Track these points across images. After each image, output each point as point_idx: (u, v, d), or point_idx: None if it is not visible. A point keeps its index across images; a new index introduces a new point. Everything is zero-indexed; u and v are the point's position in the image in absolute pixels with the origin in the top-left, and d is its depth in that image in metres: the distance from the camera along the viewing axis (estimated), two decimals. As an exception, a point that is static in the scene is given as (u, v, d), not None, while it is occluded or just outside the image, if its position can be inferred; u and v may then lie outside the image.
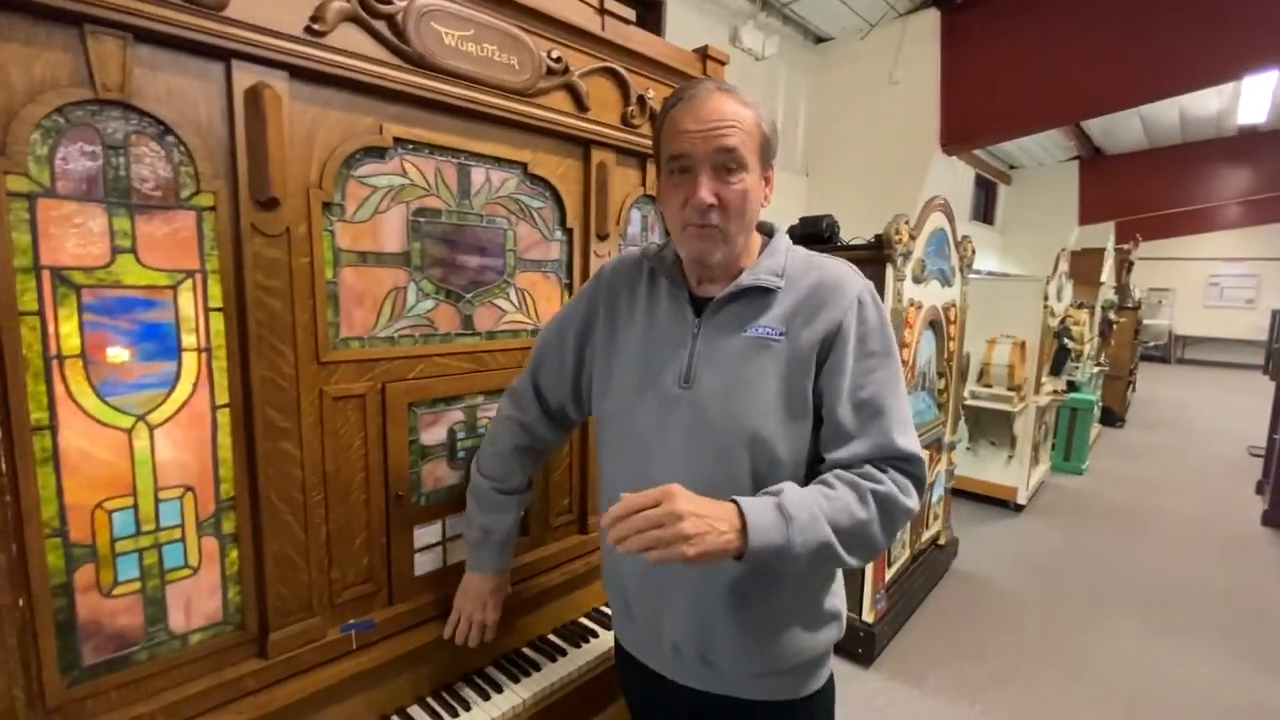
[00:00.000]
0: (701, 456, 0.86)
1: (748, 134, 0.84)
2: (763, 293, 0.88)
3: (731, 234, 0.85)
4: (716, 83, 0.86)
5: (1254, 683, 2.49)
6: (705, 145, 0.82)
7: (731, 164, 0.83)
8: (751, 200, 0.86)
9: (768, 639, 0.89)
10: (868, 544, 0.80)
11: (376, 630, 1.05)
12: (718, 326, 0.89)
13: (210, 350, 0.86)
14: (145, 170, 0.79)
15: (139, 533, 0.83)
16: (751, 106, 0.86)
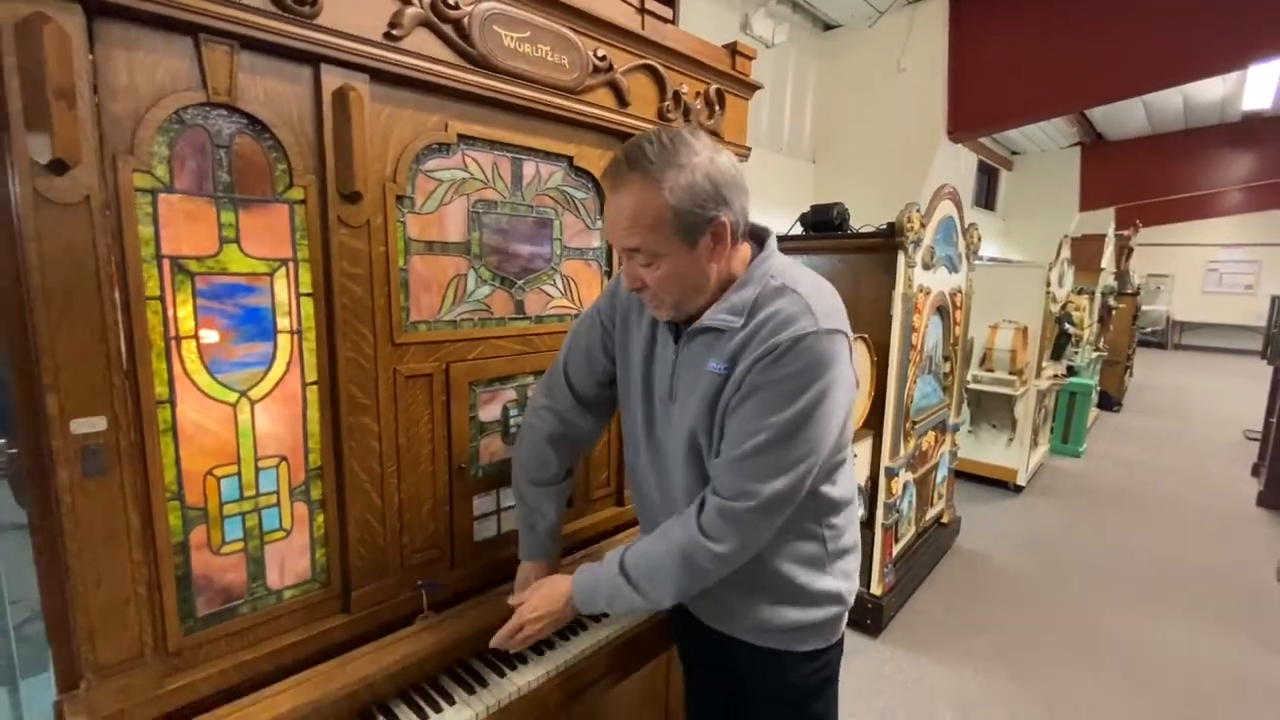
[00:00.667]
0: (673, 460, 1.01)
1: (650, 227, 0.86)
2: (718, 332, 0.93)
3: (670, 303, 0.94)
4: (633, 161, 0.85)
5: (1246, 653, 2.61)
6: (617, 243, 0.92)
7: (643, 260, 0.89)
8: (679, 277, 0.90)
9: (757, 608, 1.03)
10: (675, 588, 0.94)
11: (441, 590, 1.14)
12: (690, 355, 0.98)
13: (301, 332, 0.94)
14: (247, 167, 0.86)
15: (242, 497, 0.91)
16: (661, 187, 0.84)
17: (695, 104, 1.45)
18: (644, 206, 0.85)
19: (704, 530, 0.90)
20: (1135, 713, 2.24)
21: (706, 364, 0.93)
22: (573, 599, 1.01)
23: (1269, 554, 3.49)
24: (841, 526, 1.05)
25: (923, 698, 2.29)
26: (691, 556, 0.91)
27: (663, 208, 0.85)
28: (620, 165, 0.87)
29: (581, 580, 1.01)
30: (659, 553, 0.94)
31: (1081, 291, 5.53)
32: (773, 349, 0.86)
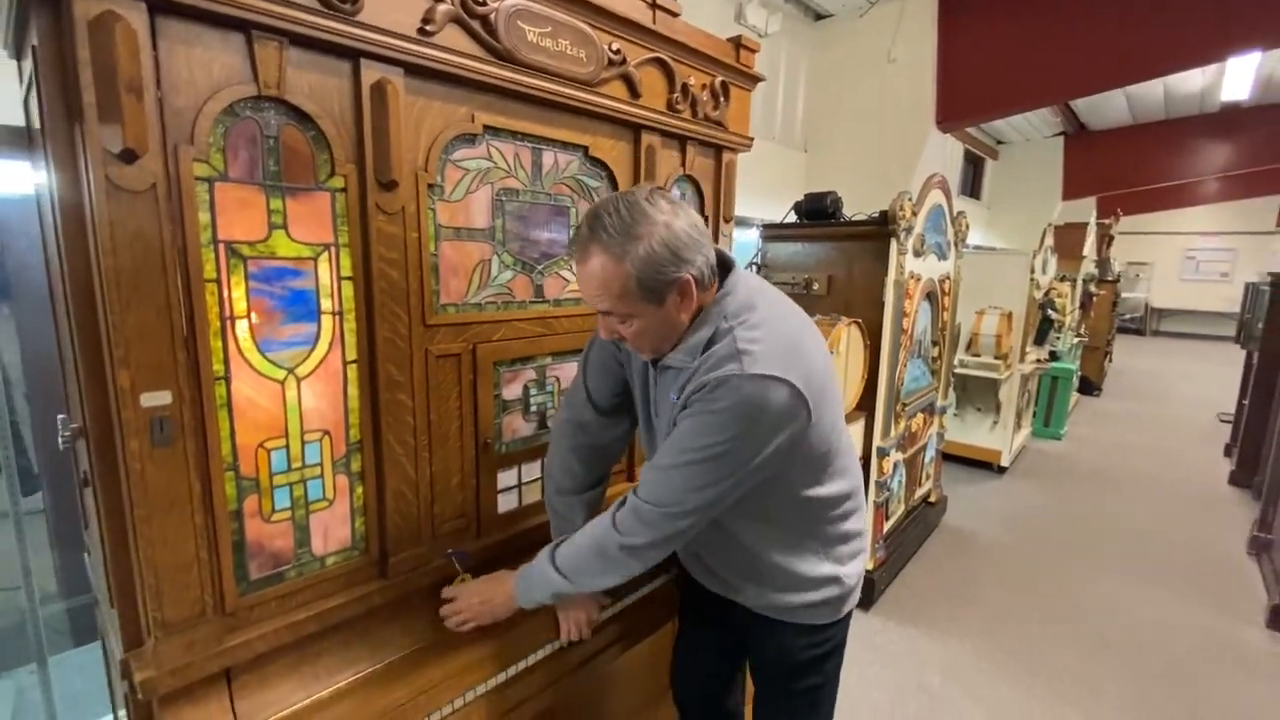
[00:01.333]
0: None
1: (618, 294, 0.94)
2: (675, 369, 1.03)
3: (648, 349, 1.04)
4: (590, 237, 0.93)
5: (1216, 621, 2.76)
6: (590, 305, 1.01)
7: (617, 320, 0.99)
8: (653, 330, 0.99)
9: (757, 591, 1.14)
10: (599, 575, 1.05)
11: (469, 558, 1.20)
12: (662, 384, 1.09)
13: (342, 314, 0.99)
14: (293, 156, 0.91)
15: (289, 469, 0.97)
16: (622, 260, 0.91)
17: (702, 96, 1.51)
18: (608, 276, 0.92)
19: (616, 524, 1.01)
20: (1111, 676, 2.37)
21: (669, 396, 1.04)
22: (514, 595, 1.12)
23: (1239, 529, 3.65)
24: (839, 517, 1.13)
25: (912, 666, 2.40)
26: (605, 547, 1.02)
27: (626, 277, 0.92)
28: (584, 236, 0.94)
29: (520, 579, 1.12)
30: (581, 545, 1.05)
31: (1064, 279, 5.67)
32: (701, 385, 0.94)
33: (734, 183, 1.70)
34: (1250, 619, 2.77)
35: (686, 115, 1.49)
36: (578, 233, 0.97)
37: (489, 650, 1.13)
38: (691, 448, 0.94)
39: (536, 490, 1.36)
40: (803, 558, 1.11)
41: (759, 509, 1.07)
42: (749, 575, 1.15)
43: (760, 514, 1.09)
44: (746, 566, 1.14)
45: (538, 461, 1.35)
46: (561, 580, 1.06)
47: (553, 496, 1.25)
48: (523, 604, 1.12)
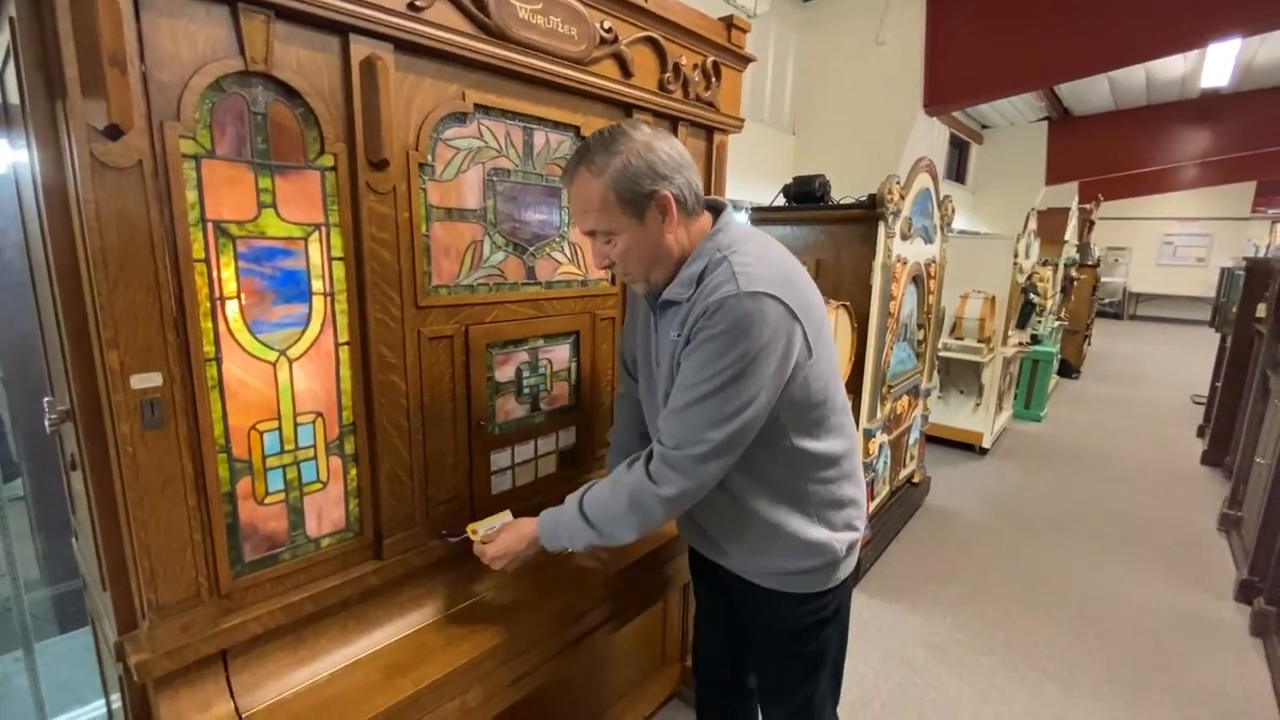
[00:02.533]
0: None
1: (598, 209, 0.97)
2: (674, 305, 1.04)
3: (638, 274, 1.05)
4: (576, 162, 0.98)
5: (1188, 595, 2.85)
6: (580, 230, 1.04)
7: (602, 239, 1.01)
8: (637, 250, 1.01)
9: (747, 552, 1.13)
10: (626, 527, 1.04)
11: (464, 539, 1.21)
12: (663, 326, 1.09)
13: (333, 295, 0.98)
14: (281, 134, 0.90)
15: (282, 451, 0.96)
16: (601, 174, 0.95)
17: (693, 76, 1.50)
18: (590, 191, 0.97)
19: (651, 476, 1.00)
20: (1088, 650, 2.45)
21: (670, 334, 1.04)
22: (538, 539, 1.12)
23: (1210, 507, 3.76)
24: (832, 480, 1.11)
25: (896, 640, 2.45)
26: (639, 499, 1.01)
27: (604, 189, 0.96)
28: (570, 164, 1.00)
29: (545, 524, 1.11)
30: (612, 496, 1.04)
31: (1046, 263, 5.73)
32: (703, 311, 0.95)
33: (725, 165, 1.70)
34: (1221, 593, 2.86)
35: (678, 96, 1.48)
36: (566, 165, 1.02)
37: (487, 629, 1.14)
38: (701, 379, 0.94)
39: (530, 471, 1.36)
40: (792, 516, 1.08)
41: (748, 459, 1.03)
42: (734, 533, 1.12)
43: (749, 464, 1.05)
44: (732, 522, 1.11)
45: (531, 442, 1.36)
46: (590, 532, 1.05)
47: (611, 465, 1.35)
48: (548, 546, 1.12)
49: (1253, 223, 13.23)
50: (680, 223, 1.01)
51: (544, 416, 1.37)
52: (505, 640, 1.12)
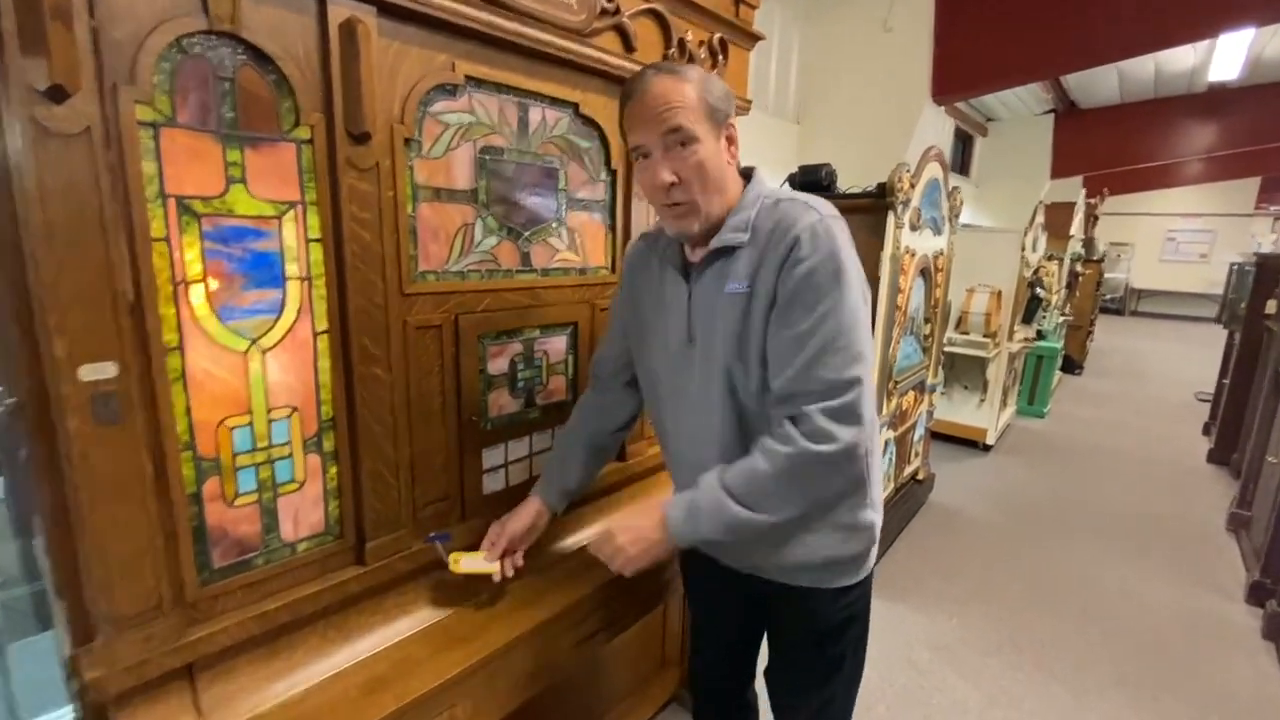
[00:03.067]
0: (709, 403, 1.00)
1: (690, 109, 0.90)
2: (732, 250, 0.96)
3: (700, 204, 0.94)
4: (656, 68, 0.93)
5: (1195, 595, 2.79)
6: (656, 130, 0.90)
7: (683, 139, 0.90)
8: (711, 166, 0.93)
9: (790, 544, 1.02)
10: (785, 503, 0.92)
11: (452, 541, 1.14)
12: (703, 288, 0.99)
13: (311, 279, 0.91)
14: (252, 102, 0.82)
15: (255, 449, 0.89)
16: (692, 81, 0.91)
17: (699, 53, 1.42)
18: (677, 90, 0.90)
19: (813, 438, 0.88)
20: (1092, 648, 2.39)
21: (724, 289, 0.95)
22: (669, 529, 0.95)
23: (1217, 506, 3.70)
24: (872, 451, 1.02)
25: (902, 642, 2.40)
26: (801, 469, 0.89)
27: (694, 91, 0.90)
28: (643, 71, 0.93)
29: (674, 515, 0.95)
30: (763, 472, 0.90)
31: (1051, 258, 5.66)
32: (792, 245, 0.89)
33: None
34: (1231, 595, 2.81)
35: (683, 74, 1.39)
36: (632, 78, 0.94)
37: (477, 638, 1.07)
38: (824, 313, 0.88)
39: (524, 469, 1.29)
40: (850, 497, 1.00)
41: None
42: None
43: None
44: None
45: (525, 439, 1.28)
46: (745, 513, 0.91)
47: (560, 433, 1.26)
48: (681, 540, 0.96)
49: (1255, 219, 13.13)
50: (735, 161, 0.97)
51: (539, 412, 1.30)
52: (496, 650, 1.05)
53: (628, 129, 0.95)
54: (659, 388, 1.09)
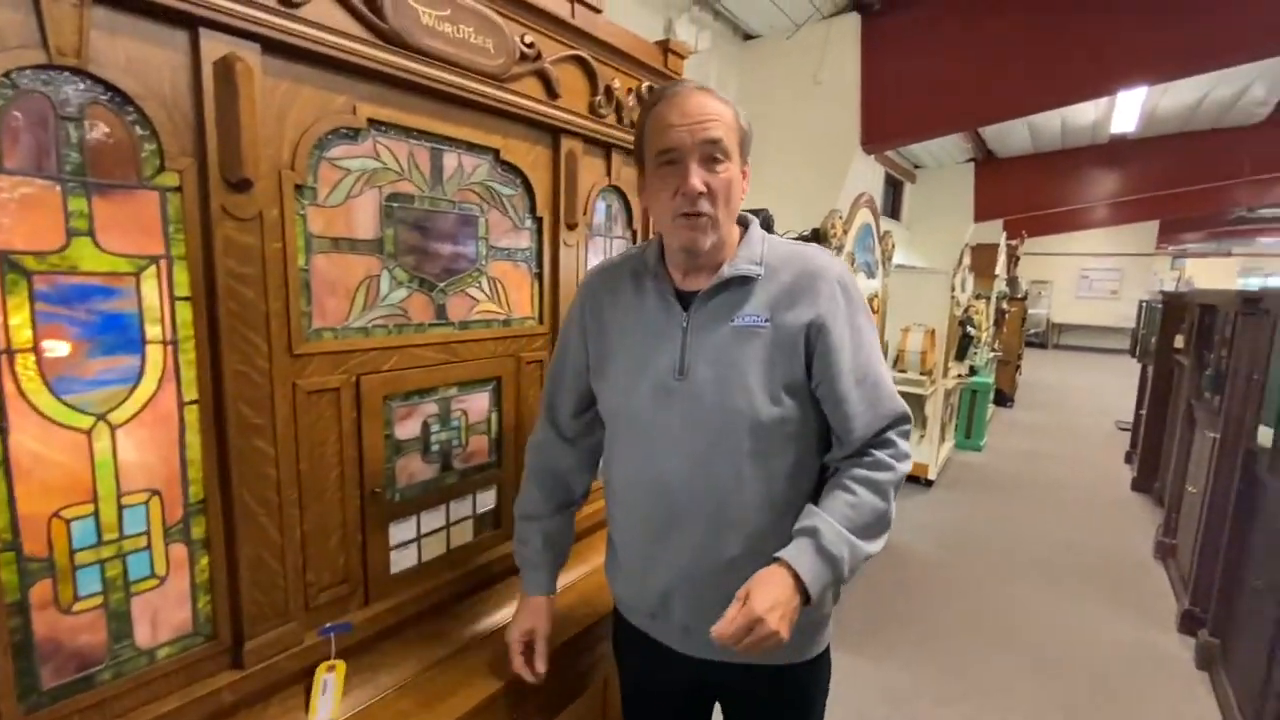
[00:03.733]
0: (700, 441, 0.91)
1: (729, 127, 0.89)
2: (744, 281, 0.93)
3: (720, 221, 0.90)
4: (696, 83, 0.91)
5: (1134, 627, 2.85)
6: (692, 138, 0.87)
7: (717, 154, 0.88)
8: (735, 189, 0.91)
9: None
10: (886, 528, 0.92)
11: (354, 632, 1.01)
12: (706, 318, 0.93)
13: (177, 343, 0.80)
14: (104, 145, 0.72)
15: (100, 542, 0.76)
16: (729, 104, 0.91)
17: (628, 100, 1.39)
18: (718, 106, 0.89)
19: (895, 459, 0.92)
20: (1044, 690, 2.38)
21: (734, 320, 0.92)
22: (808, 588, 0.83)
23: (1145, 534, 3.84)
24: None
25: (855, 695, 2.33)
26: (891, 488, 0.92)
27: (735, 117, 0.91)
28: (681, 81, 0.93)
29: (807, 567, 0.83)
30: (874, 503, 0.89)
31: (980, 296, 5.93)
32: (840, 284, 0.93)
33: (663, 195, 1.58)
34: (1164, 624, 2.87)
35: (611, 121, 1.36)
36: (667, 86, 0.93)
37: (375, 745, 0.93)
38: (868, 344, 0.93)
39: (440, 542, 1.17)
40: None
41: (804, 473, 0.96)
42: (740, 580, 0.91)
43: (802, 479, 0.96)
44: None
45: (441, 508, 1.17)
46: (867, 547, 0.88)
47: (518, 519, 1.16)
48: (814, 593, 0.84)
49: (1157, 258, 14.28)
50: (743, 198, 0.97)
51: (458, 476, 1.19)
52: (402, 758, 0.92)
53: (654, 131, 0.90)
54: (632, 423, 0.98)
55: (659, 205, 0.92)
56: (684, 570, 0.95)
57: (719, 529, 0.92)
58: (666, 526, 0.95)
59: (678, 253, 0.95)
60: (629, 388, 0.97)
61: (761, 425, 0.89)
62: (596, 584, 1.36)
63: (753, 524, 0.92)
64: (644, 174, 0.97)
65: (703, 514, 0.92)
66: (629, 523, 1.03)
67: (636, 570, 1.02)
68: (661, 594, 0.98)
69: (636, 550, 1.02)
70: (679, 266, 0.97)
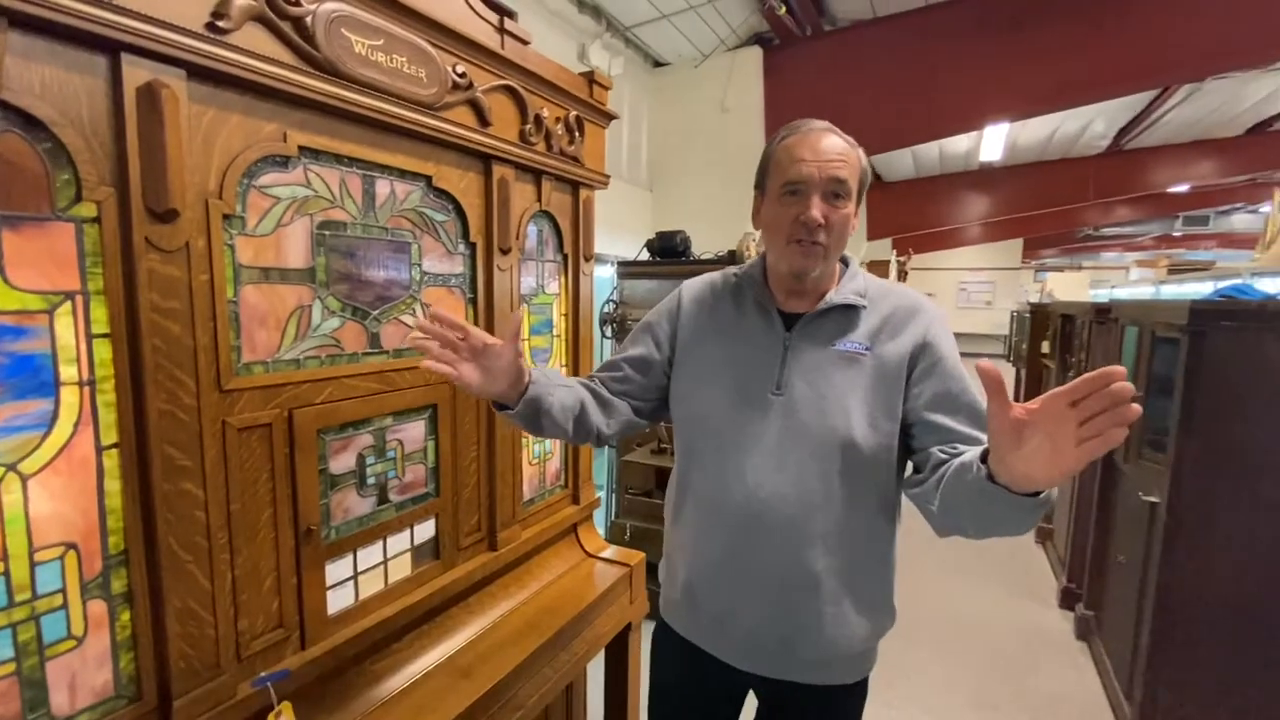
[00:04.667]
0: (795, 456, 0.95)
1: (853, 170, 0.96)
2: (848, 310, 0.99)
3: (831, 253, 0.96)
4: (827, 123, 0.98)
5: (1023, 606, 3.15)
6: (820, 174, 0.93)
7: (841, 192, 0.95)
8: (848, 227, 0.97)
9: (840, 627, 0.97)
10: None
11: (292, 679, 0.96)
12: (809, 339, 0.99)
13: (94, 383, 0.74)
14: (14, 175, 0.67)
15: (11, 604, 0.69)
16: (855, 147, 0.98)
17: (556, 129, 1.43)
18: (849, 153, 0.95)
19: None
20: (952, 671, 2.58)
21: (835, 345, 0.98)
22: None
23: (1027, 522, 4.26)
24: None
25: (784, 696, 2.42)
26: None
27: (856, 160, 0.96)
28: (818, 121, 0.98)
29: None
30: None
31: (877, 309, 6.38)
32: (934, 318, 0.99)
33: (593, 220, 1.63)
34: (1046, 602, 3.19)
35: (541, 148, 1.39)
36: (800, 122, 0.99)
37: (320, 796, 0.89)
38: (962, 373, 0.96)
39: (378, 578, 1.14)
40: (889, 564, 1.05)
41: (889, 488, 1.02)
42: (867, 597, 1.00)
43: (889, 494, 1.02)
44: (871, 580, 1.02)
45: (378, 543, 1.14)
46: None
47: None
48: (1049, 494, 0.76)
49: (1022, 272, 15.92)
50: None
51: (394, 509, 1.17)
52: (349, 806, 0.89)
53: (783, 164, 0.96)
54: (722, 431, 1.00)
55: (776, 229, 0.98)
56: (764, 582, 0.97)
57: (803, 541, 0.95)
58: (751, 535, 0.97)
59: (785, 276, 1.00)
60: (723, 396, 1.00)
61: (855, 445, 0.94)
62: (539, 607, 1.36)
63: (834, 541, 0.96)
64: (763, 199, 1.02)
65: (790, 525, 0.95)
66: (708, 530, 1.02)
67: (708, 580, 1.02)
68: (731, 605, 1.00)
69: (712, 559, 1.01)
70: (782, 289, 1.02)
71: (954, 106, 4.34)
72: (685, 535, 1.07)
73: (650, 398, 1.12)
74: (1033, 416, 0.65)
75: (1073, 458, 0.62)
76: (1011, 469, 0.69)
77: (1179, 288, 6.89)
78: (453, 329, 0.89)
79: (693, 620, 1.07)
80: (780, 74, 4.39)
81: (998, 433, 0.69)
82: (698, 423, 1.04)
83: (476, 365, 0.91)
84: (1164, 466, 1.98)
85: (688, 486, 1.06)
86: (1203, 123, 7.16)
